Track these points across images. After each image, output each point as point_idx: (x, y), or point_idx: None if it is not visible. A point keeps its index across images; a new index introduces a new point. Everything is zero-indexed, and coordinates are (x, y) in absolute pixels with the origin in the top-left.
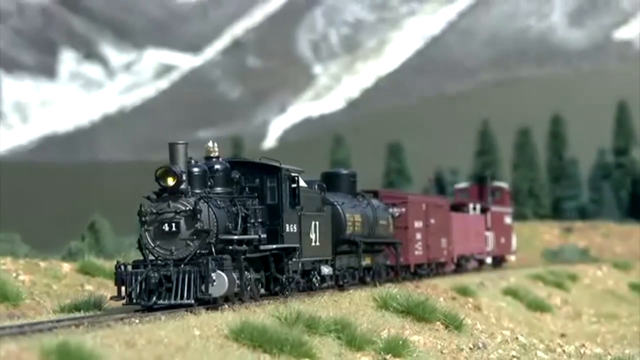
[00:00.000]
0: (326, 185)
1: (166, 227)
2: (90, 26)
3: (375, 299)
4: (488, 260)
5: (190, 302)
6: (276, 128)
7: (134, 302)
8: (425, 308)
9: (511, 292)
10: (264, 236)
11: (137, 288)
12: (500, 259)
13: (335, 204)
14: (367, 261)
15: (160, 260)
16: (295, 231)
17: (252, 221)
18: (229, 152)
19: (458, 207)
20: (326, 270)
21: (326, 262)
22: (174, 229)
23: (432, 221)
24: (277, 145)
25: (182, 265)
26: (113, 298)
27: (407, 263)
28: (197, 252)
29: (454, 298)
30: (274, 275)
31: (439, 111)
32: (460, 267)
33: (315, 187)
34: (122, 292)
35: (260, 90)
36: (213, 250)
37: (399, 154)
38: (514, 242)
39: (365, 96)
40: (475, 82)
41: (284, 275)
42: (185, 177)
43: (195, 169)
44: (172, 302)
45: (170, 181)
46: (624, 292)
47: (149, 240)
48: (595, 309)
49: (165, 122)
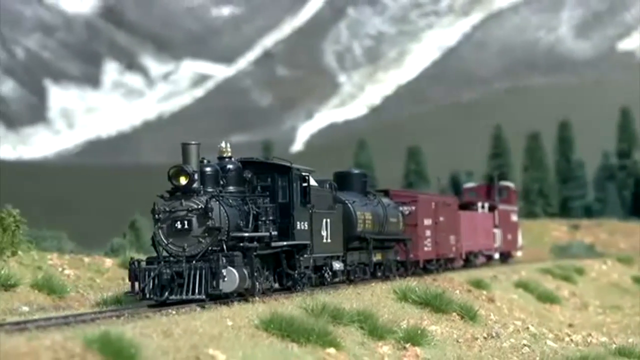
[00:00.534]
0: (338, 184)
1: (179, 225)
2: (132, 39)
3: (395, 292)
4: (496, 256)
5: (201, 297)
6: (303, 133)
7: (147, 297)
8: (442, 300)
9: (522, 285)
10: (275, 233)
11: (150, 284)
12: (507, 255)
13: (347, 202)
14: (378, 257)
15: (172, 257)
16: (306, 228)
17: (264, 219)
18: (259, 156)
19: (467, 206)
20: (337, 265)
21: (338, 258)
22: (186, 226)
23: (441, 219)
24: (304, 149)
25: (194, 262)
26: (127, 293)
27: (416, 259)
28: (209, 249)
29: (469, 291)
30: (286, 271)
31: (455, 117)
32: (469, 263)
33: (326, 186)
34: (136, 288)
35: (289, 98)
36: (224, 247)
37: (418, 157)
38: (520, 239)
39: (386, 103)
40: (488, 90)
41: (295, 271)
42: (197, 177)
43: (207, 169)
44: (184, 297)
45: (183, 180)
46: (627, 284)
47: (162, 237)
48: (600, 301)
49: (200, 128)
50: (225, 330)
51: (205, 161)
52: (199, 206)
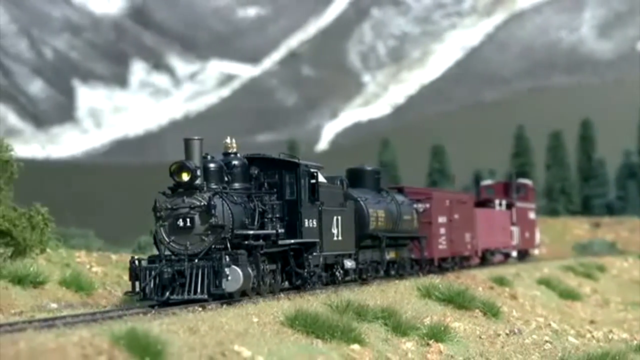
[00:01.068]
0: (351, 181)
1: (181, 223)
2: (159, 40)
3: (419, 289)
4: (514, 254)
5: (203, 297)
6: (328, 132)
7: (148, 297)
8: (465, 297)
9: (544, 282)
10: (281, 231)
11: (151, 283)
12: (525, 253)
13: (359, 199)
14: (392, 255)
15: (174, 255)
16: (314, 226)
17: (270, 216)
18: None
19: (484, 203)
20: (349, 264)
21: (349, 257)
22: (188, 224)
23: (456, 216)
24: (329, 147)
25: (196, 260)
26: (127, 293)
27: (431, 257)
28: (212, 247)
29: (492, 288)
30: (295, 270)
31: (478, 116)
32: (486, 261)
33: (337, 182)
34: (137, 288)
35: (314, 98)
36: (228, 245)
37: (441, 156)
38: (537, 237)
39: (410, 103)
40: (511, 90)
41: (304, 270)
42: (200, 173)
43: (211, 165)
44: (186, 297)
45: (185, 176)
46: None
47: (164, 235)
48: (621, 298)
49: (226, 127)
50: (250, 327)
51: (209, 157)
52: (202, 203)
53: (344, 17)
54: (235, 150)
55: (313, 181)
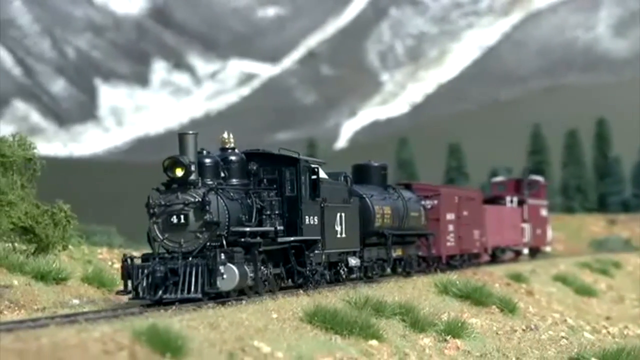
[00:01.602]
0: (356, 177)
1: (174, 219)
2: (179, 39)
3: (436, 285)
4: (525, 251)
5: (197, 296)
6: (347, 130)
7: (141, 296)
8: (482, 293)
9: (561, 279)
10: (281, 228)
11: (144, 282)
12: (536, 250)
13: (364, 196)
14: (398, 252)
15: (168, 253)
16: (315, 223)
17: (268, 213)
18: (304, 153)
19: (494, 200)
20: (354, 262)
21: (354, 254)
22: (182, 220)
23: (465, 213)
24: (347, 145)
25: (190, 258)
26: (119, 292)
27: (438, 254)
28: (207, 244)
29: (509, 284)
30: (296, 268)
31: (494, 115)
32: (496, 258)
33: (341, 178)
34: (129, 287)
35: (333, 96)
36: (224, 242)
37: (458, 154)
38: (549, 234)
39: (427, 101)
40: (527, 89)
41: (306, 268)
42: (194, 168)
43: (206, 160)
44: (179, 296)
45: (179, 172)
46: None
47: (158, 232)
48: (637, 294)
49: (246, 126)
50: (270, 323)
51: (204, 152)
52: (196, 199)
53: (363, 16)
54: (232, 145)
55: (314, 177)
